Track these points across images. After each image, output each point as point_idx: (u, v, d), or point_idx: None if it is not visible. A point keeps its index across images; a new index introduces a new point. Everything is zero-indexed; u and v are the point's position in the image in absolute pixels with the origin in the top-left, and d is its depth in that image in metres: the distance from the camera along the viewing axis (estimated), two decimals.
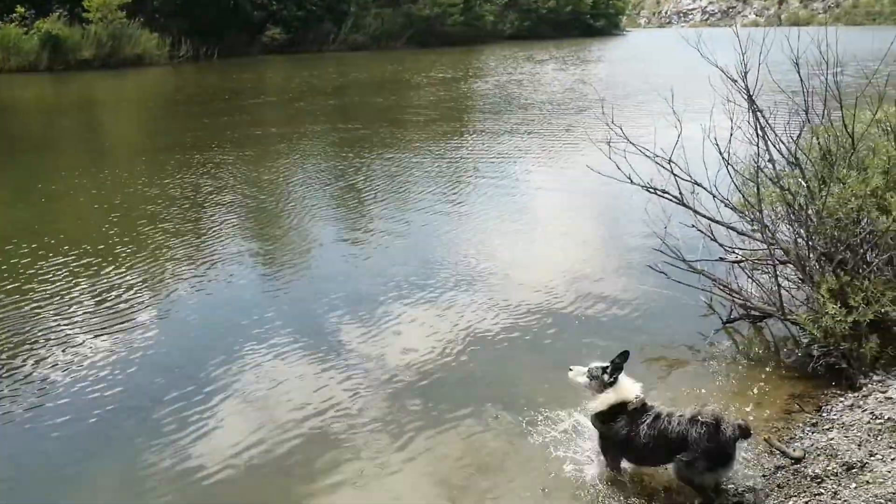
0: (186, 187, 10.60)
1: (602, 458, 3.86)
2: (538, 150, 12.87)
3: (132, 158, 13.78)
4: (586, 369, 3.84)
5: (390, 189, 10.41)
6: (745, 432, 3.48)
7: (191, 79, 30.39)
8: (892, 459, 3.54)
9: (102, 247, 7.88)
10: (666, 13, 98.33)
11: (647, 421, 3.62)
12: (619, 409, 3.71)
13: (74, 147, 15.27)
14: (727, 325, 5.66)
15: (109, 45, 32.07)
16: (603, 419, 3.75)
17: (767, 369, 5.07)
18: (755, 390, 4.82)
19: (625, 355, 3.78)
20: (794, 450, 3.90)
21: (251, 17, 41.97)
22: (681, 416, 3.56)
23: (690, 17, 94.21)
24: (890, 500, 3.25)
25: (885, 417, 3.91)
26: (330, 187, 10.68)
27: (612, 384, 3.75)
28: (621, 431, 3.67)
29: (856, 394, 4.43)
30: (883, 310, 4.47)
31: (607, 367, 3.78)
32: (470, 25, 51.94)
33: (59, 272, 7.05)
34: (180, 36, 35.91)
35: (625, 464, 3.84)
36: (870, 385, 4.44)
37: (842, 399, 4.42)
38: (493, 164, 11.76)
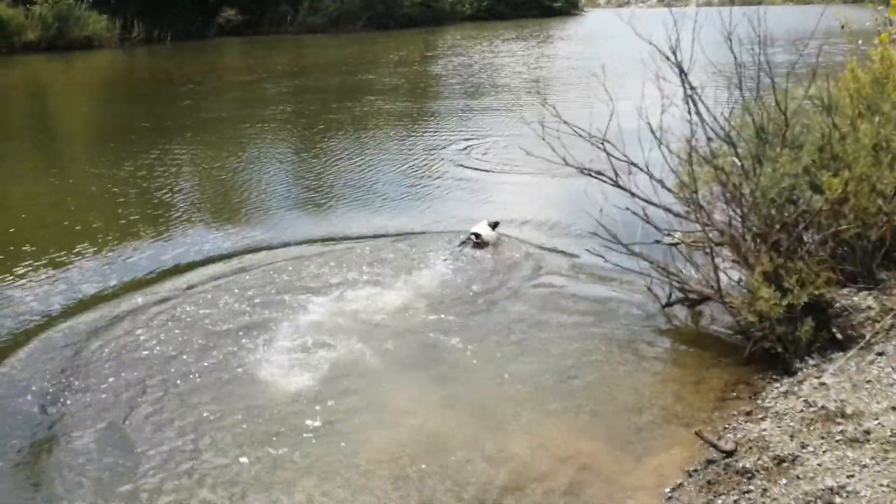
0: (141, 175, 10.14)
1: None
2: (485, 132, 12.57)
3: (83, 145, 13.31)
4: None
5: (349, 172, 10.16)
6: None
7: (143, 62, 29.62)
8: (823, 452, 3.39)
9: (53, 237, 7.54)
10: None
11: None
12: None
13: (21, 133, 14.64)
14: (666, 307, 5.51)
15: (56, 27, 31.00)
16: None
17: (705, 354, 4.94)
18: (692, 377, 4.68)
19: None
20: (725, 442, 3.75)
21: None
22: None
23: None
24: (820, 498, 3.10)
25: (819, 405, 3.75)
26: (291, 175, 10.36)
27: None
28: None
29: (791, 379, 4.29)
30: (817, 292, 4.33)
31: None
32: (429, 6, 51.28)
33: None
34: (132, 17, 34.88)
35: None
36: (805, 370, 4.31)
37: (777, 385, 4.29)
38: (446, 149, 11.44)
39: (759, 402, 4.17)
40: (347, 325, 5.47)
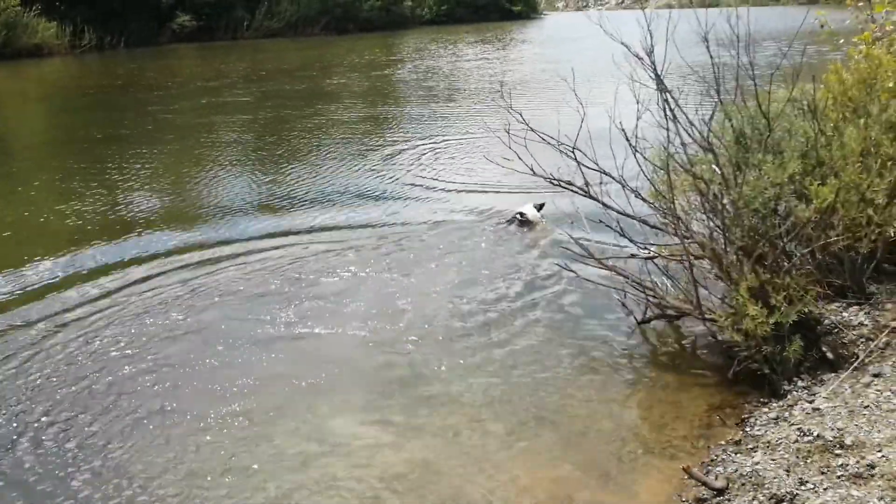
0: (93, 186, 9.64)
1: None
2: (448, 140, 12.21)
3: (35, 155, 12.69)
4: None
5: (320, 179, 9.77)
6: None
7: (94, 69, 28.74)
8: (824, 489, 3.08)
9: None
10: None
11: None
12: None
13: None
14: (642, 324, 5.20)
15: (3, 35, 30.03)
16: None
17: (686, 376, 4.63)
18: (673, 401, 4.36)
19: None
20: (715, 477, 3.43)
21: (158, 3, 40.12)
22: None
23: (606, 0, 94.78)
24: None
25: (814, 434, 3.46)
26: (254, 181, 9.93)
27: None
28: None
29: (780, 403, 4.00)
30: (806, 309, 4.04)
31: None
32: (388, 10, 50.86)
33: None
34: (83, 24, 33.96)
35: None
36: (795, 392, 4.02)
37: (766, 410, 3.98)
38: (405, 157, 11.04)
39: (747, 429, 3.86)
40: (312, 340, 5.17)
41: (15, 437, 4.14)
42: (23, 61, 29.80)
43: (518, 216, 7.36)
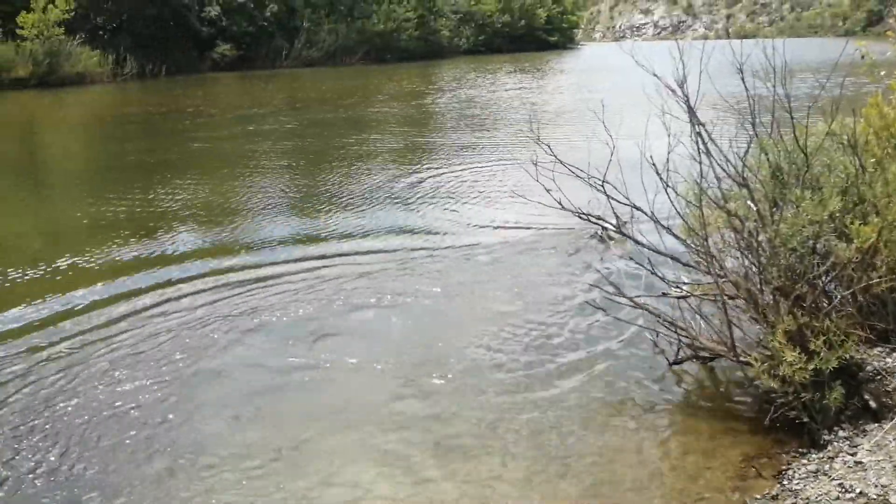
0: (133, 211, 9.70)
1: None
2: (495, 166, 12.05)
3: (77, 180, 12.87)
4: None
5: (347, 204, 9.73)
6: None
7: (137, 97, 29.24)
8: None
9: (42, 275, 7.02)
10: (620, 28, 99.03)
11: None
12: None
13: (12, 169, 14.07)
14: (674, 365, 5.00)
15: (47, 63, 30.73)
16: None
17: (719, 422, 4.41)
18: (705, 449, 4.14)
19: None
20: None
21: (199, 33, 40.89)
22: None
23: (643, 31, 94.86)
24: None
25: (857, 491, 3.24)
26: (290, 208, 9.91)
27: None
28: None
29: (820, 454, 3.77)
30: (847, 355, 3.82)
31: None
32: (426, 41, 51.42)
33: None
34: (125, 53, 34.74)
35: None
36: (835, 443, 3.79)
37: (804, 462, 3.76)
38: (453, 184, 10.92)
39: (785, 482, 3.64)
40: (335, 371, 5.05)
41: (17, 462, 4.05)
42: (66, 89, 30.46)
43: (599, 231, 7.28)
